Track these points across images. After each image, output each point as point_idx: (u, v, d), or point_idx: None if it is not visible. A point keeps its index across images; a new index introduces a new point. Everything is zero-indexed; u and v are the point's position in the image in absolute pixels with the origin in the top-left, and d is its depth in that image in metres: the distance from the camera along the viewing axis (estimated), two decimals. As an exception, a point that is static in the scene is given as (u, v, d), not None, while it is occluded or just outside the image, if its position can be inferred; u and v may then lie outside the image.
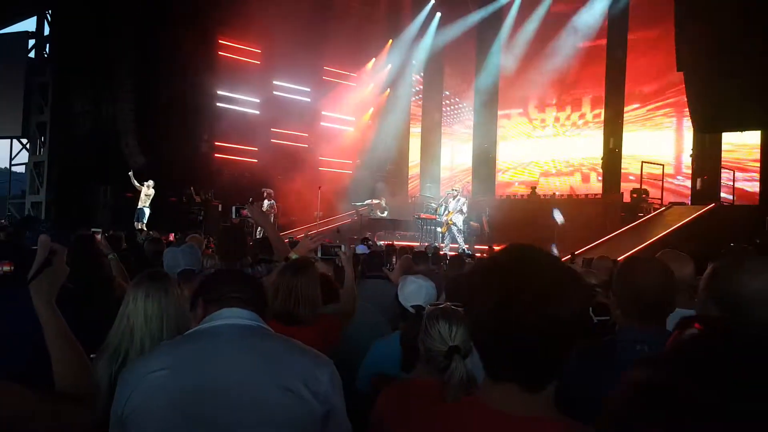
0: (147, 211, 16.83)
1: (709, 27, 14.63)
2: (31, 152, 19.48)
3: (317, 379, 1.94)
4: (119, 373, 2.14)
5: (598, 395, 1.94)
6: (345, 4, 21.78)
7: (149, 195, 16.85)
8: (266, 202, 17.93)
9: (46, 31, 19.53)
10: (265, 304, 2.20)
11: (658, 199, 17.22)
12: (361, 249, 8.20)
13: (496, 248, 11.01)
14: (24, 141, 19.71)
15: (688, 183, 18.06)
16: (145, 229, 15.48)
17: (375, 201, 19.83)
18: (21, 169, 20.38)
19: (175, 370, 1.89)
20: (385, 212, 19.65)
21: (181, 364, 1.91)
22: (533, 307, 1.22)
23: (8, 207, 19.94)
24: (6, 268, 1.76)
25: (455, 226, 16.43)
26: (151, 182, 16.86)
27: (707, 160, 17.28)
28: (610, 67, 19.28)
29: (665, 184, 17.66)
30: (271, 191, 18.15)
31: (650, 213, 16.37)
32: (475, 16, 22.29)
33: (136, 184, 16.78)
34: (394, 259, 8.91)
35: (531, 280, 1.28)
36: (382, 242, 15.56)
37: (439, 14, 23.36)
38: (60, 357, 1.85)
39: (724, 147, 17.50)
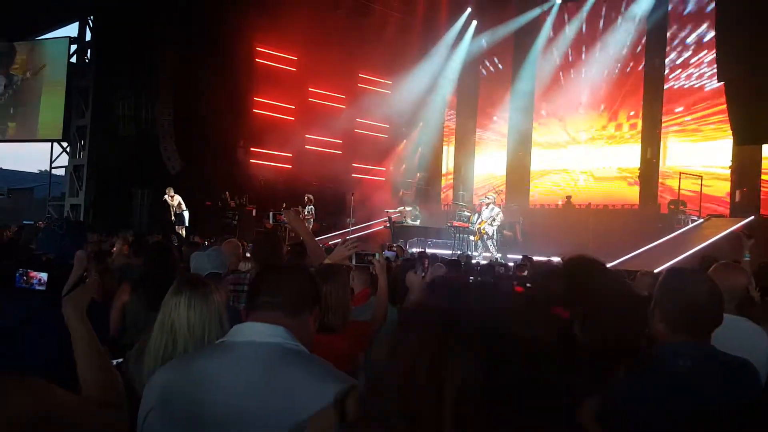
0: (186, 215, 17.06)
1: (750, 38, 14.40)
2: (71, 155, 19.86)
3: None
4: None
5: (640, 409, 1.93)
6: (382, 11, 21.79)
7: (174, 203, 17.06)
8: (307, 207, 18.07)
9: (88, 36, 19.95)
10: (305, 305, 1.96)
11: (697, 210, 16.93)
12: (389, 254, 8.24)
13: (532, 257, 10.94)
14: (64, 144, 20.08)
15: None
16: (183, 233, 15.63)
17: (407, 208, 19.77)
18: (61, 171, 20.79)
19: (182, 386, 1.81)
20: (417, 220, 19.59)
21: (188, 380, 1.81)
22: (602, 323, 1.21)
23: (48, 209, 20.33)
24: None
25: (487, 234, 16.33)
26: (168, 190, 17.15)
27: (747, 171, 16.97)
28: (648, 74, 19.04)
29: (703, 196, 17.35)
30: (312, 197, 18.25)
31: (688, 225, 16.10)
32: (512, 24, 22.18)
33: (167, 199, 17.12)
34: (426, 263, 8.90)
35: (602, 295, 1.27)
36: (414, 249, 15.56)
37: (475, 22, 23.28)
38: (89, 369, 1.90)
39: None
